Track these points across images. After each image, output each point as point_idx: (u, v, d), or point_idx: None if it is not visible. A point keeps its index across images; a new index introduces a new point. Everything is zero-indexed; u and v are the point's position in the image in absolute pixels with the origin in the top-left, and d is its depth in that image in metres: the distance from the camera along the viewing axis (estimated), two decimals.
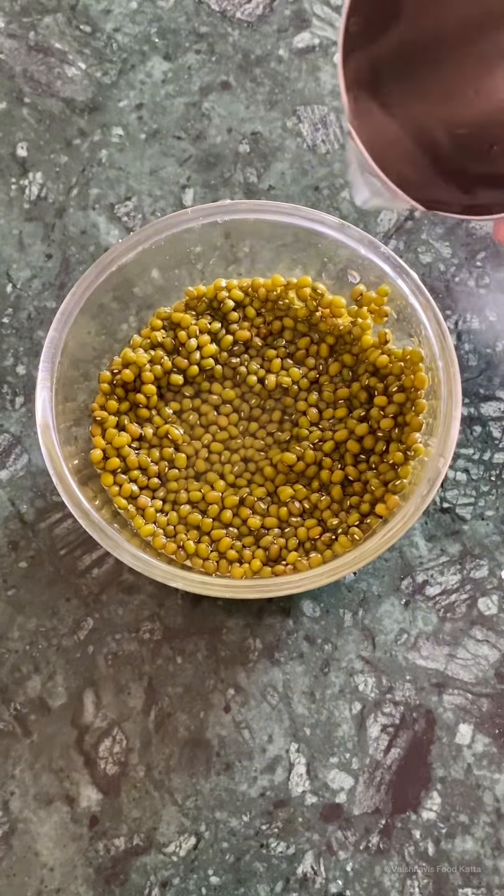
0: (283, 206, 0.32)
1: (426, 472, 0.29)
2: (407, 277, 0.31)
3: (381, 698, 0.32)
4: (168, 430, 0.32)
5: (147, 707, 0.32)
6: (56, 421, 0.30)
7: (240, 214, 0.32)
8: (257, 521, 0.31)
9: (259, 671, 0.32)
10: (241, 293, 0.33)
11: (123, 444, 0.32)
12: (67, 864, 0.31)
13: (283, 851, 0.31)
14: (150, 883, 0.30)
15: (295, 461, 0.32)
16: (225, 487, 0.32)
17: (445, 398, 0.30)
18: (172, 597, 0.33)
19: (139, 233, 0.32)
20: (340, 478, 0.32)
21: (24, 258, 0.37)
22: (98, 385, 0.32)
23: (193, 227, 0.32)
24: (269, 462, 0.32)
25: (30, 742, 0.32)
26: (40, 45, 0.39)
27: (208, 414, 0.33)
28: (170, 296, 0.34)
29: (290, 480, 0.32)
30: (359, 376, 0.32)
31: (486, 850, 0.31)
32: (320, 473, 0.32)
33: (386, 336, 0.32)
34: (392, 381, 0.32)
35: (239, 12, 0.40)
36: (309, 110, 0.39)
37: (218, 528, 0.32)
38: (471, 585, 0.33)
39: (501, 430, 0.35)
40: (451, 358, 0.30)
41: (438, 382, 0.30)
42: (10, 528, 0.34)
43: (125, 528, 0.31)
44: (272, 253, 0.33)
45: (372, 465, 0.32)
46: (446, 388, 0.30)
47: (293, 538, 0.31)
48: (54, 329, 0.31)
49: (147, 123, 0.39)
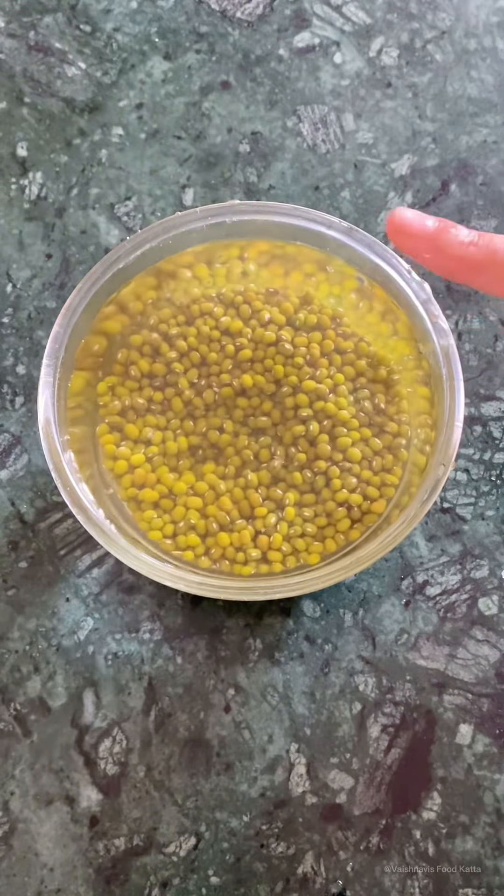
0: (291, 207, 0.32)
1: (426, 480, 0.29)
2: (415, 285, 0.31)
3: (382, 698, 0.32)
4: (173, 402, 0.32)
5: (147, 707, 0.32)
6: (58, 418, 0.30)
7: (248, 215, 0.32)
8: (259, 523, 0.31)
9: (259, 671, 0.32)
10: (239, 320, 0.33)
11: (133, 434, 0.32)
12: (67, 864, 0.31)
13: (283, 852, 0.31)
14: (150, 883, 0.30)
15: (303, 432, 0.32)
16: (228, 489, 0.32)
17: (448, 408, 0.30)
18: (172, 597, 0.33)
19: (146, 231, 0.32)
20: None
21: (24, 258, 0.37)
22: (106, 377, 0.33)
23: (200, 227, 0.32)
24: (271, 453, 0.32)
25: (30, 742, 0.32)
26: (40, 44, 0.39)
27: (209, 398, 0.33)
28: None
29: (295, 483, 0.32)
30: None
31: (486, 851, 0.31)
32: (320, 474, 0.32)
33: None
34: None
35: (239, 12, 0.40)
36: (309, 110, 0.39)
37: (219, 530, 0.32)
38: (471, 585, 0.33)
39: (502, 430, 0.35)
40: (455, 368, 0.30)
41: (441, 392, 0.30)
42: (10, 528, 0.34)
43: (125, 527, 0.31)
44: (277, 256, 0.33)
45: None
46: (448, 399, 0.30)
47: (298, 539, 0.31)
48: (58, 326, 0.31)
49: (147, 123, 0.38)
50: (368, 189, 0.38)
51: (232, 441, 0.32)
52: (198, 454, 0.32)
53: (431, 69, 0.39)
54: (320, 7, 0.40)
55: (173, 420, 0.32)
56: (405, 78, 0.39)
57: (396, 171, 0.38)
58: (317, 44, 0.39)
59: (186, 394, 0.32)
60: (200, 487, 0.32)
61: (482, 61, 0.39)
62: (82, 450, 0.32)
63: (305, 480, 0.32)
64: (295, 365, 0.32)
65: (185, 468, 0.32)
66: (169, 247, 0.32)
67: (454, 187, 0.38)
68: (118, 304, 0.33)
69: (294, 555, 0.31)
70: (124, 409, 0.32)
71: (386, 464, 0.32)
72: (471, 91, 0.39)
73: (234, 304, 0.33)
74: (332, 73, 0.39)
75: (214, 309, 0.33)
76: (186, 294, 0.33)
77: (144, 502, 0.32)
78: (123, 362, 0.33)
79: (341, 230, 0.32)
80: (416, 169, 0.38)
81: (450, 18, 0.40)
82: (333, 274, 0.33)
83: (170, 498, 0.32)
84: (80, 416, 0.32)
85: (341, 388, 0.32)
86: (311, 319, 0.33)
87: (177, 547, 0.31)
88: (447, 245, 0.25)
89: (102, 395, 0.33)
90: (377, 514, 0.31)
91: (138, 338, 0.33)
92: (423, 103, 0.39)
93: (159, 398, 0.33)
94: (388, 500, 0.32)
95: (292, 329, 0.33)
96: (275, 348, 0.32)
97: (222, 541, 0.31)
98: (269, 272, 0.34)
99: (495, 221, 0.37)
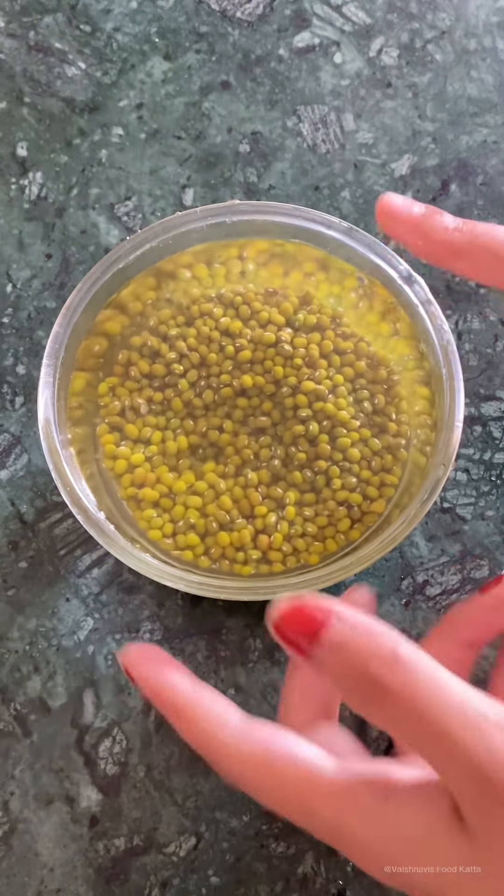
0: (291, 207, 0.32)
1: (426, 480, 0.29)
2: (416, 285, 0.31)
3: None
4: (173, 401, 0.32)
5: (147, 707, 0.32)
6: (58, 418, 0.30)
7: (248, 215, 0.32)
8: (259, 523, 0.31)
9: (259, 671, 0.32)
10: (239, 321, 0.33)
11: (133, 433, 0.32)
12: (67, 864, 0.31)
13: (283, 852, 0.31)
14: (150, 883, 0.30)
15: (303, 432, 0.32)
16: (227, 488, 0.32)
17: (448, 408, 0.30)
18: (172, 597, 0.33)
19: (146, 231, 0.32)
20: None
21: (24, 258, 0.37)
22: (105, 379, 0.33)
23: (200, 227, 0.32)
24: (271, 452, 0.32)
25: (30, 742, 0.32)
26: (40, 44, 0.39)
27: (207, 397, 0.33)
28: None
29: (295, 482, 0.32)
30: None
31: None
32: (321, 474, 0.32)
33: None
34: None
35: (239, 12, 0.40)
36: (309, 110, 0.39)
37: (219, 529, 0.32)
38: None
39: (502, 430, 0.35)
40: (455, 368, 0.30)
41: (441, 392, 0.30)
42: (10, 528, 0.34)
43: (125, 527, 0.31)
44: (277, 255, 0.33)
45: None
46: (448, 399, 0.30)
47: (299, 539, 0.31)
48: (58, 326, 0.31)
49: (147, 123, 0.39)
50: (368, 189, 0.38)
51: (232, 440, 0.32)
52: (198, 453, 0.32)
53: (431, 69, 0.39)
54: (320, 7, 0.40)
55: (173, 420, 0.32)
56: (405, 78, 0.39)
57: (396, 171, 0.38)
58: (317, 44, 0.40)
59: (186, 394, 0.32)
60: (200, 486, 0.32)
61: (482, 61, 0.39)
62: (82, 450, 0.32)
63: (305, 480, 0.32)
64: (294, 366, 0.32)
65: (184, 467, 0.32)
66: (169, 247, 0.32)
67: (454, 187, 0.38)
68: (118, 305, 0.33)
69: (294, 555, 0.31)
70: (124, 409, 0.33)
71: (386, 464, 0.32)
72: (471, 91, 0.39)
73: (234, 304, 0.33)
74: (332, 73, 0.39)
75: (214, 310, 0.33)
76: (186, 294, 0.33)
77: (144, 501, 0.32)
78: (124, 363, 0.33)
79: (341, 230, 0.32)
80: (416, 169, 0.38)
81: (450, 18, 0.40)
82: (333, 273, 0.33)
83: (169, 497, 0.32)
84: (80, 416, 0.32)
85: (341, 388, 0.32)
86: (310, 320, 0.33)
87: (176, 546, 0.31)
88: (432, 230, 0.26)
89: (103, 396, 0.33)
90: (377, 514, 0.31)
91: (138, 339, 0.33)
92: (423, 103, 0.39)
93: (159, 398, 0.33)
94: (388, 500, 0.32)
95: (292, 330, 0.33)
96: (274, 349, 0.32)
97: (222, 540, 0.31)
98: (268, 272, 0.34)
99: (495, 221, 0.37)
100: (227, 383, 0.32)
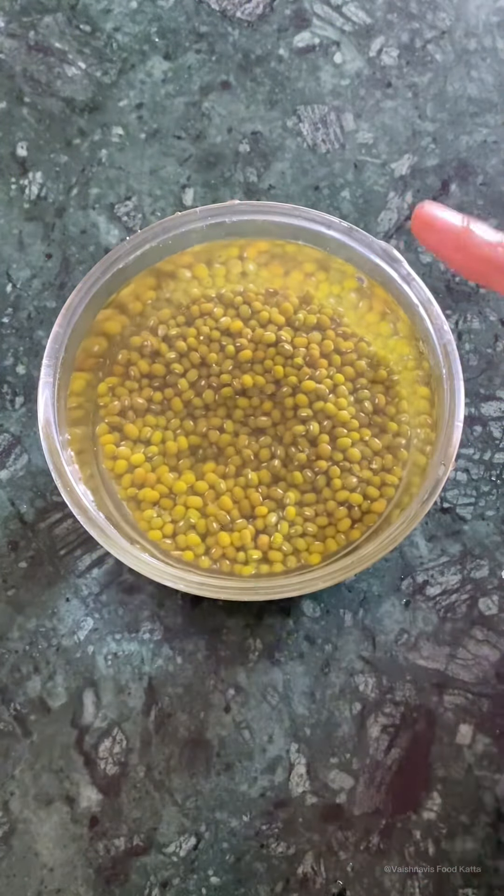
0: (291, 207, 0.32)
1: (426, 480, 0.29)
2: (415, 285, 0.31)
3: (382, 698, 0.32)
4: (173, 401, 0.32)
5: (147, 707, 0.32)
6: (58, 418, 0.30)
7: (248, 215, 0.32)
8: (260, 523, 0.31)
9: (259, 671, 0.32)
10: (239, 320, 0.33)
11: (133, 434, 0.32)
12: (67, 864, 0.31)
13: (283, 852, 0.31)
14: (150, 883, 0.30)
15: (303, 432, 0.32)
16: (228, 488, 0.32)
17: (448, 408, 0.30)
18: (172, 597, 0.33)
19: (146, 231, 0.32)
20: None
21: (24, 258, 0.37)
22: (106, 378, 0.33)
23: (200, 227, 0.32)
24: (271, 453, 0.32)
25: (30, 742, 0.32)
26: (40, 44, 0.39)
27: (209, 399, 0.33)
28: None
29: (295, 482, 0.32)
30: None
31: (486, 851, 0.31)
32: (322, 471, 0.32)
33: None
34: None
35: (239, 12, 0.40)
36: (309, 110, 0.39)
37: (219, 529, 0.32)
38: (471, 585, 0.33)
39: (502, 430, 0.35)
40: (455, 368, 0.30)
41: (441, 392, 0.30)
42: (10, 528, 0.34)
43: (125, 527, 0.31)
44: (277, 255, 0.33)
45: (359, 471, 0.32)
46: (448, 398, 0.30)
47: (299, 539, 0.31)
48: (58, 326, 0.31)
49: (147, 123, 0.38)
50: (368, 189, 0.38)
51: (232, 441, 0.32)
52: (198, 454, 0.32)
53: (431, 69, 0.39)
54: (320, 7, 0.40)
55: (173, 420, 0.32)
56: (405, 78, 0.39)
57: (396, 171, 0.38)
58: (317, 44, 0.39)
59: (186, 394, 0.32)
60: (200, 487, 0.32)
61: (482, 61, 0.39)
62: (82, 450, 0.32)
63: (306, 480, 0.32)
64: (295, 365, 0.32)
65: (184, 468, 0.32)
66: (169, 247, 0.32)
67: (454, 187, 0.38)
68: (118, 305, 0.33)
69: (295, 555, 0.31)
70: (124, 409, 0.32)
71: (386, 464, 0.32)
72: (471, 91, 0.39)
73: (234, 304, 0.33)
74: (332, 73, 0.39)
75: (214, 309, 0.33)
76: (186, 294, 0.33)
77: (144, 502, 0.32)
78: (123, 363, 0.33)
79: (341, 230, 0.32)
80: (416, 169, 0.38)
81: (450, 18, 0.40)
82: (333, 274, 0.33)
83: (170, 497, 0.32)
84: (80, 416, 0.32)
85: (341, 388, 0.32)
86: (310, 319, 0.33)
87: (177, 547, 0.31)
88: (474, 245, 0.24)
89: (103, 396, 0.33)
90: (377, 514, 0.31)
91: (138, 339, 0.33)
92: (423, 103, 0.39)
93: (159, 398, 0.33)
94: (388, 499, 0.32)
95: (292, 329, 0.33)
96: (275, 349, 0.32)
97: (222, 540, 0.31)
98: (268, 272, 0.34)
99: (495, 221, 0.37)
100: (227, 383, 0.32)
